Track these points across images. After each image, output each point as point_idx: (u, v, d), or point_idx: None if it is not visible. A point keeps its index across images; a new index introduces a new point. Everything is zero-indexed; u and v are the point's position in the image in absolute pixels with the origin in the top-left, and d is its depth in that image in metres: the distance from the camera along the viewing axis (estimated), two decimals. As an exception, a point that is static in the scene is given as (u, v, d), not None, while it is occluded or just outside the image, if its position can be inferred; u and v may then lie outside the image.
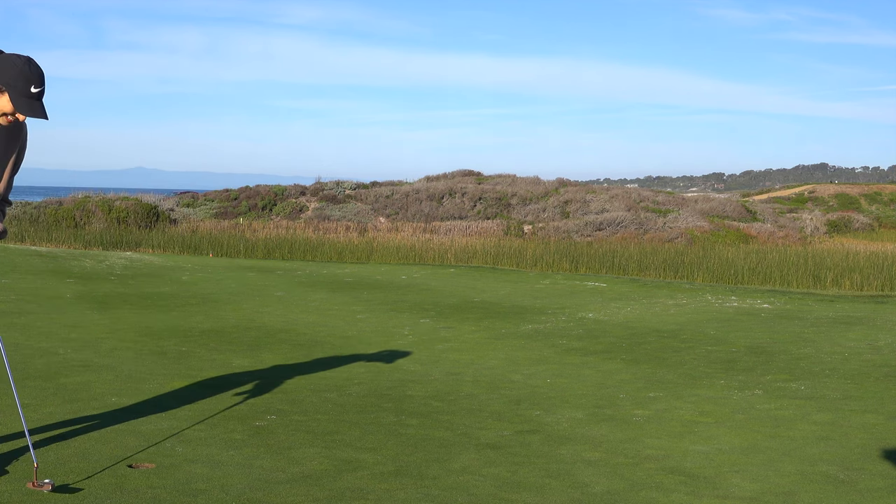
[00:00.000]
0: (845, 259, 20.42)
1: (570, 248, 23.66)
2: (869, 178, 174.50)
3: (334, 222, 32.06)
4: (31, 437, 4.74)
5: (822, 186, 59.76)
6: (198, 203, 36.68)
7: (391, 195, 37.02)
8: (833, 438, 5.31)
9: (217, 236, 25.81)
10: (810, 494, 4.27)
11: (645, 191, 45.26)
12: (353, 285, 14.92)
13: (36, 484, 4.06)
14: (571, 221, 33.66)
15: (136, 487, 4.05)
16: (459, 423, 5.57)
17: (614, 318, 10.90)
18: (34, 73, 3.95)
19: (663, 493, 4.25)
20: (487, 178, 42.82)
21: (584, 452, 4.95)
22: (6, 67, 3.93)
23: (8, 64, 3.94)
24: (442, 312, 11.31)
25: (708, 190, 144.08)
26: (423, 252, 23.77)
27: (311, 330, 9.57)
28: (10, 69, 3.93)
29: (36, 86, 3.94)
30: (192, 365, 7.29)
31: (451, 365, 7.69)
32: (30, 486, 4.08)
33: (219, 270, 17.41)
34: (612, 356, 8.20)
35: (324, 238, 26.69)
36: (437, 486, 4.26)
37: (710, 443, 5.21)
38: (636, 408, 6.10)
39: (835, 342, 8.95)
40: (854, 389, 6.71)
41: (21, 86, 3.93)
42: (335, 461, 4.62)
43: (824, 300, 13.48)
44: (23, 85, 3.93)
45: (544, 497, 4.16)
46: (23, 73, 3.92)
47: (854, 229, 41.59)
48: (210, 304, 11.66)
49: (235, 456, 4.63)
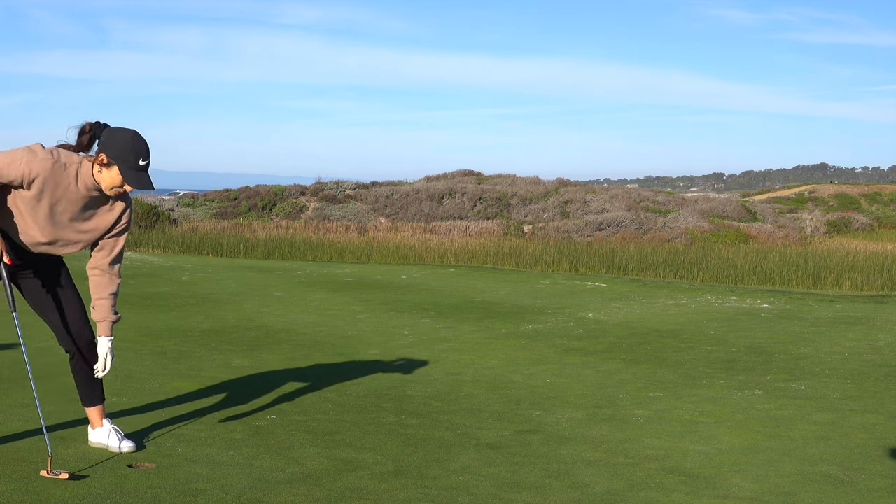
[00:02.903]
0: (845, 259, 20.42)
1: (570, 248, 23.66)
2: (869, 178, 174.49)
3: (334, 222, 32.07)
4: (33, 435, 4.75)
5: (822, 186, 59.75)
6: (198, 203, 36.69)
7: (391, 195, 37.03)
8: (833, 438, 5.31)
9: (217, 236, 25.81)
10: (810, 494, 4.27)
11: (645, 191, 45.28)
12: (353, 285, 14.92)
13: (51, 472, 4.09)
14: (571, 221, 33.67)
15: (136, 487, 4.05)
16: (459, 423, 5.57)
17: (614, 318, 10.90)
18: (141, 147, 4.18)
19: (663, 493, 4.25)
20: (487, 178, 42.83)
21: (584, 452, 4.95)
22: (115, 142, 4.16)
23: (117, 138, 4.16)
24: (442, 312, 11.31)
25: (708, 190, 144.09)
26: (423, 252, 23.78)
27: (311, 330, 9.57)
28: (119, 144, 4.15)
29: (143, 159, 4.18)
30: (192, 365, 7.29)
31: (451, 365, 7.69)
32: (43, 474, 4.11)
33: (219, 270, 17.41)
34: (612, 356, 8.20)
35: (324, 238, 26.69)
36: (437, 486, 4.26)
37: (710, 443, 5.21)
38: (636, 408, 6.10)
39: (835, 342, 8.95)
40: (854, 389, 6.71)
41: (130, 159, 4.15)
42: (335, 461, 4.62)
43: (824, 300, 13.48)
44: (132, 159, 4.15)
45: (544, 497, 4.16)
46: (132, 148, 4.16)
47: (854, 229, 41.59)
48: (210, 304, 11.66)
49: (235, 456, 4.63)
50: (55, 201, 4.21)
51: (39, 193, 4.17)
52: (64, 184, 4.19)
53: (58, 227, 4.29)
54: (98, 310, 4.52)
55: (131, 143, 4.16)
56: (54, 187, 4.18)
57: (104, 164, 4.17)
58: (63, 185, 4.19)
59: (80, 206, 4.28)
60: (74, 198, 4.24)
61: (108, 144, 4.17)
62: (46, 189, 4.17)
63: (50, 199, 4.20)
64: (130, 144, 4.16)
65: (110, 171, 4.18)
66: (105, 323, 4.54)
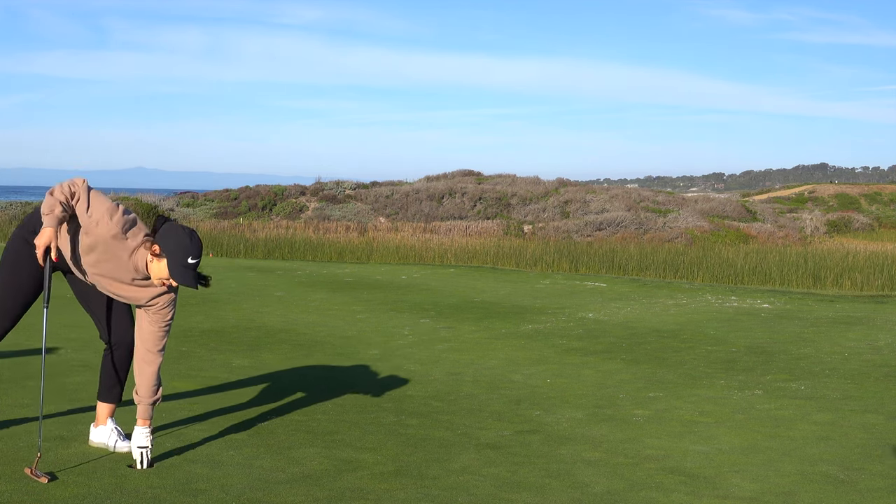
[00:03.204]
0: (845, 259, 20.42)
1: (570, 248, 23.66)
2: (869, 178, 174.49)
3: (334, 222, 32.06)
4: (33, 435, 4.75)
5: (822, 186, 59.74)
6: (198, 203, 36.68)
7: (391, 195, 37.02)
8: (833, 438, 5.31)
9: (217, 236, 25.81)
10: (810, 494, 4.27)
11: (645, 191, 45.26)
12: (353, 285, 14.92)
13: (34, 472, 4.08)
14: (571, 221, 33.67)
15: (136, 487, 4.05)
16: (459, 423, 5.57)
17: (614, 318, 10.90)
18: (194, 247, 4.26)
19: (663, 493, 4.25)
20: (487, 178, 42.81)
21: (584, 452, 4.95)
22: (171, 236, 4.25)
23: (173, 233, 4.26)
24: (442, 312, 11.31)
25: (708, 190, 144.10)
26: (423, 252, 23.77)
27: (311, 330, 9.57)
28: (173, 240, 4.24)
29: (193, 258, 4.26)
30: (192, 365, 7.29)
31: (451, 365, 7.69)
32: (27, 472, 4.11)
33: (219, 270, 17.41)
34: (612, 356, 8.20)
35: (324, 238, 26.69)
36: (437, 486, 4.26)
37: (710, 443, 5.21)
38: (636, 408, 6.10)
39: (835, 342, 8.95)
40: (854, 389, 6.71)
41: (180, 256, 4.23)
42: (335, 461, 4.62)
43: (824, 300, 13.49)
44: (182, 256, 4.23)
45: (544, 497, 4.16)
46: (184, 246, 4.24)
47: (854, 229, 41.59)
48: (210, 304, 11.66)
49: (235, 456, 4.63)
50: (103, 260, 4.31)
51: (91, 248, 4.29)
52: (118, 254, 4.29)
53: (98, 277, 4.38)
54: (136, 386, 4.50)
55: (186, 242, 4.25)
56: (105, 251, 4.28)
57: (156, 254, 4.26)
58: (116, 256, 4.29)
59: (123, 276, 4.36)
60: (122, 267, 4.33)
61: (164, 237, 4.25)
62: (98, 248, 4.28)
63: (98, 257, 4.31)
64: (185, 243, 4.25)
65: (160, 263, 4.27)
66: (142, 406, 4.47)
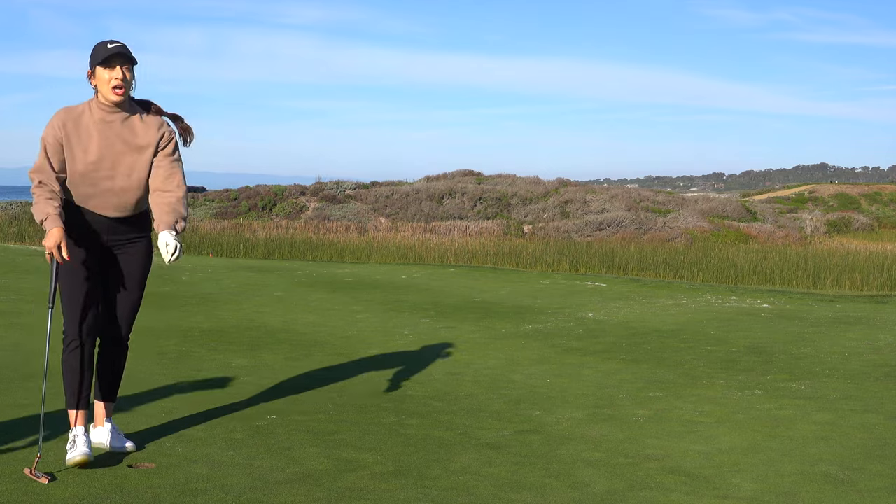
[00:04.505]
0: (845, 259, 20.42)
1: (570, 248, 23.66)
2: (869, 178, 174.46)
3: (334, 222, 32.08)
4: (33, 435, 4.75)
5: (822, 186, 59.73)
6: (198, 203, 36.68)
7: (391, 195, 37.03)
8: (833, 438, 5.31)
9: (217, 236, 25.81)
10: (810, 494, 4.27)
11: (645, 191, 45.29)
12: (352, 285, 14.92)
13: (34, 472, 4.08)
14: (571, 221, 33.68)
15: (136, 487, 4.05)
16: (459, 423, 5.57)
17: (614, 318, 10.90)
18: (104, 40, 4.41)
19: (663, 493, 4.25)
20: (487, 178, 42.83)
21: (584, 452, 4.95)
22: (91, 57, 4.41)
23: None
24: (442, 312, 11.31)
25: (708, 190, 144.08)
26: (423, 252, 23.77)
27: (311, 330, 9.57)
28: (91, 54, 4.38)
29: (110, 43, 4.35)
30: (192, 365, 7.29)
31: (451, 365, 7.69)
32: (26, 472, 4.11)
33: (219, 270, 17.40)
34: (612, 356, 8.19)
35: (324, 238, 26.69)
36: (437, 486, 4.26)
37: (710, 443, 5.21)
38: (636, 408, 6.10)
39: (835, 342, 8.94)
40: (854, 389, 6.71)
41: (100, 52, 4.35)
42: (335, 461, 4.62)
43: (824, 300, 13.48)
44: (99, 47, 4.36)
45: (544, 497, 4.16)
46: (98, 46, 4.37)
47: (854, 229, 41.61)
48: (210, 304, 11.66)
49: (235, 456, 4.63)
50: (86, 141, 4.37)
51: (70, 144, 4.35)
52: (83, 120, 4.38)
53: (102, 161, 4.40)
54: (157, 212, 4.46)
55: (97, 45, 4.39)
56: (75, 126, 4.37)
57: (91, 76, 4.39)
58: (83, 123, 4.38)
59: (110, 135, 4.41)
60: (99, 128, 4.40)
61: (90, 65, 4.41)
62: (73, 134, 4.36)
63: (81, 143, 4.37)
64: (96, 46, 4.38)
65: (97, 76, 4.37)
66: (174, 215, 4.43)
